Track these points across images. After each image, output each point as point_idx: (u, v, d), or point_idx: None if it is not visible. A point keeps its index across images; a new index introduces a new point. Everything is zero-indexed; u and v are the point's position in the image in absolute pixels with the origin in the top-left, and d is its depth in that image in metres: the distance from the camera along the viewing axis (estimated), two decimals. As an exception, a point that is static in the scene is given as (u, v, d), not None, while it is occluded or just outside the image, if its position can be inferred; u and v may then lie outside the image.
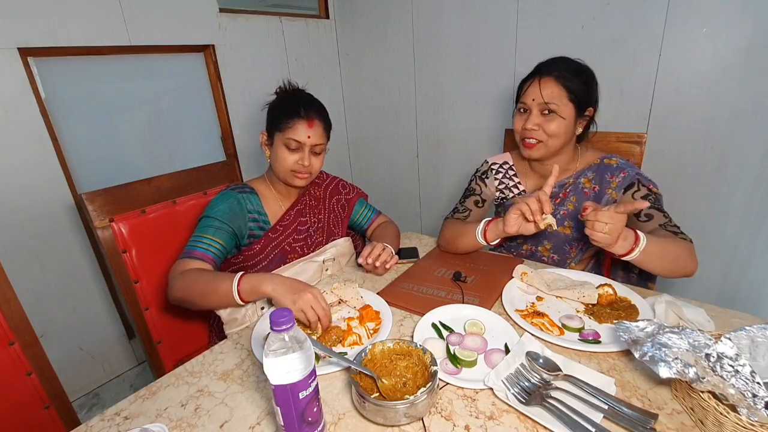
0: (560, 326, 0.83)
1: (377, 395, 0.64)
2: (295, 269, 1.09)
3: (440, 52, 2.01)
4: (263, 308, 0.98)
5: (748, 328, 0.63)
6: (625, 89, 1.57)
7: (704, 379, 0.57)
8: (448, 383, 0.70)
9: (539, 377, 0.69)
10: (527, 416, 0.62)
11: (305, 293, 0.83)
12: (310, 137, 1.05)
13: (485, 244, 1.08)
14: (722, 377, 0.55)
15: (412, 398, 0.60)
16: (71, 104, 1.51)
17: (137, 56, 1.63)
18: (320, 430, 0.60)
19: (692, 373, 0.58)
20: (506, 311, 0.90)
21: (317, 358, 0.78)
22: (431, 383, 0.62)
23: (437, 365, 0.66)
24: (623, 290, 0.93)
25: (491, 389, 0.67)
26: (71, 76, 1.50)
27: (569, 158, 1.14)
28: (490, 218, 1.08)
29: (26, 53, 1.37)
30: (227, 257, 1.09)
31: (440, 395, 0.68)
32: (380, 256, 1.08)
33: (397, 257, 1.13)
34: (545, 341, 0.78)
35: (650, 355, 0.62)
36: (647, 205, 0.85)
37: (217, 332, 1.16)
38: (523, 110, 1.09)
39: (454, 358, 0.75)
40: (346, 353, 0.80)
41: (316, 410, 0.58)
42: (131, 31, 1.54)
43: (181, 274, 0.92)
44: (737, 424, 0.54)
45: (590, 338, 0.79)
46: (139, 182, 1.10)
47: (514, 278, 1.02)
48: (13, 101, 1.35)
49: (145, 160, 1.73)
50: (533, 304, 0.93)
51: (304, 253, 1.16)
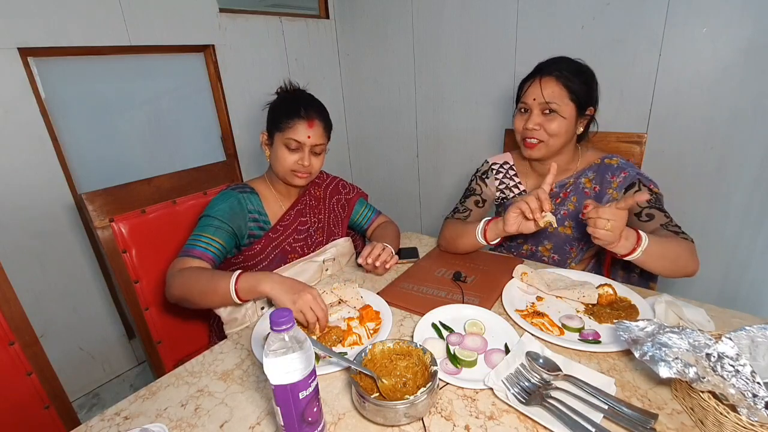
0: (560, 326, 0.83)
1: (377, 395, 0.64)
2: (295, 269, 1.09)
3: (440, 52, 2.01)
4: (263, 308, 0.98)
5: (748, 328, 0.63)
6: (625, 89, 1.57)
7: (704, 379, 0.57)
8: (448, 383, 0.70)
9: (539, 377, 0.69)
10: (527, 416, 0.62)
11: (305, 294, 0.83)
12: (310, 137, 1.05)
13: (485, 243, 1.08)
14: (722, 377, 0.55)
15: (412, 398, 0.60)
16: (71, 104, 1.51)
17: (137, 56, 1.63)
18: (320, 430, 0.60)
19: (692, 373, 0.58)
20: (506, 311, 0.90)
21: (317, 358, 0.78)
22: (431, 383, 0.62)
23: (437, 365, 0.66)
24: (623, 290, 0.93)
25: (491, 389, 0.67)
26: (71, 76, 1.50)
27: (570, 158, 1.14)
28: (489, 218, 1.08)
29: (26, 53, 1.37)
30: (227, 257, 1.09)
31: (440, 395, 0.68)
32: (380, 256, 1.08)
33: (397, 257, 1.13)
34: (545, 341, 0.78)
35: (650, 354, 0.62)
36: (647, 197, 0.84)
37: (217, 332, 1.16)
38: (523, 110, 1.09)
39: (454, 358, 0.75)
40: (346, 353, 0.80)
41: (316, 410, 0.58)
42: (131, 31, 1.54)
43: (179, 272, 0.92)
44: (737, 424, 0.54)
45: (590, 338, 0.79)
46: (139, 182, 1.10)
47: (514, 278, 1.02)
48: (13, 101, 1.35)
49: (145, 160, 1.73)
50: (533, 304, 0.93)
51: (304, 253, 1.16)
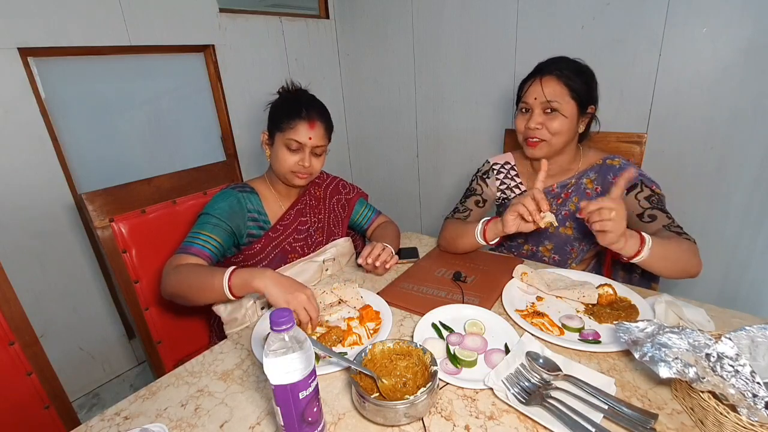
0: (560, 326, 0.83)
1: (377, 395, 0.64)
2: (295, 269, 1.09)
3: (440, 52, 2.01)
4: (263, 308, 0.98)
5: (748, 328, 0.63)
6: (625, 89, 1.56)
7: (704, 379, 0.57)
8: (448, 383, 0.70)
9: (539, 377, 0.69)
10: (527, 416, 0.62)
11: (299, 294, 0.83)
12: (311, 138, 1.05)
13: (484, 243, 1.08)
14: (722, 377, 0.55)
15: (412, 398, 0.60)
16: (71, 104, 1.51)
17: (137, 56, 1.63)
18: (320, 430, 0.60)
19: (692, 373, 0.58)
20: (506, 311, 0.90)
21: (317, 358, 0.78)
22: (431, 383, 0.62)
23: (437, 365, 0.66)
24: (623, 290, 0.93)
25: (491, 389, 0.67)
26: (71, 76, 1.50)
27: (571, 158, 1.14)
28: (488, 218, 1.08)
29: (26, 53, 1.36)
30: (227, 256, 1.09)
31: (440, 395, 0.68)
32: (380, 256, 1.08)
33: (397, 257, 1.13)
34: (545, 341, 0.78)
35: (650, 355, 0.62)
36: (634, 172, 0.83)
37: (217, 332, 1.17)
38: (525, 110, 1.09)
39: (454, 358, 0.75)
40: (346, 353, 0.80)
41: (316, 410, 0.58)
42: (131, 31, 1.54)
43: (175, 268, 0.92)
44: (737, 424, 0.54)
45: (590, 338, 0.79)
46: (139, 182, 1.10)
47: (514, 278, 1.02)
48: (13, 101, 1.35)
49: (145, 160, 1.73)
50: (533, 304, 0.93)
51: (304, 252, 1.16)
